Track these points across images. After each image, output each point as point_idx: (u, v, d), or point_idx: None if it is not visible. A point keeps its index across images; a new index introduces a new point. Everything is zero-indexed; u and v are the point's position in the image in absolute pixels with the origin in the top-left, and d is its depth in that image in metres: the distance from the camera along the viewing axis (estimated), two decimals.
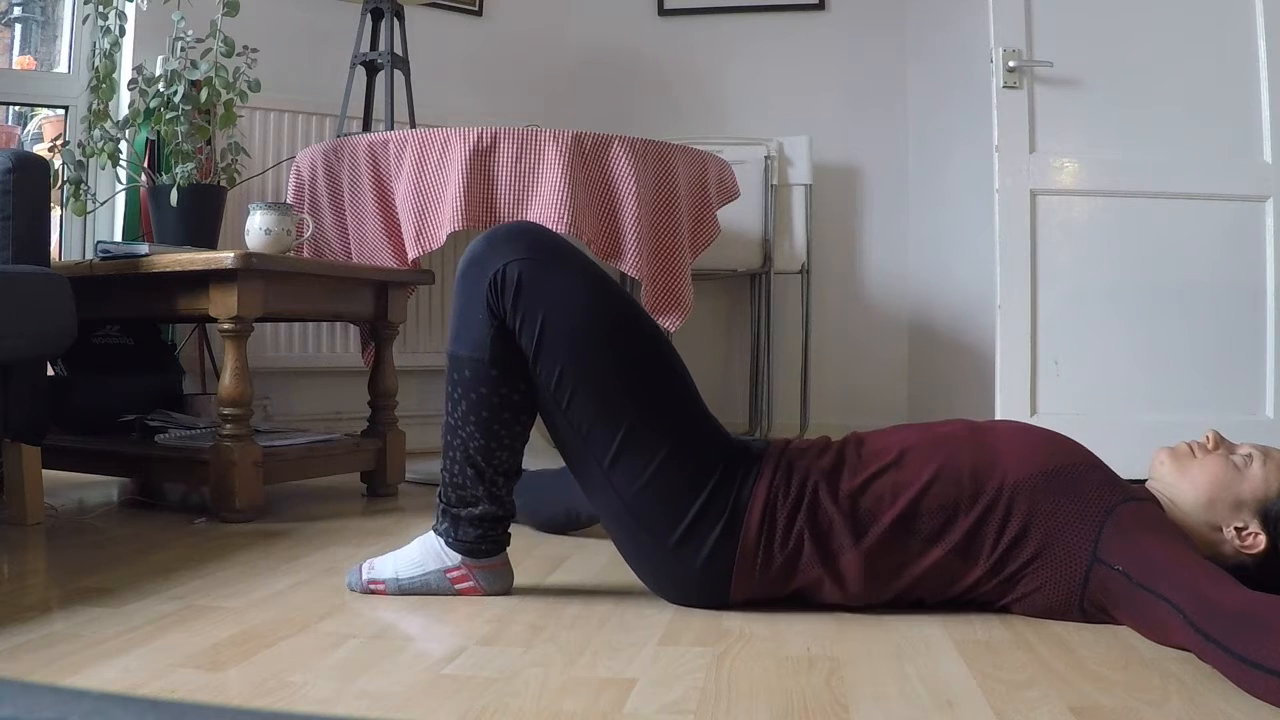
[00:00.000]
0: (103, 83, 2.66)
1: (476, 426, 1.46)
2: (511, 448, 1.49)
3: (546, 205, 2.44)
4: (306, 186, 2.76)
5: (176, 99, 2.59)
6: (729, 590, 1.44)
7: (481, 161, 2.47)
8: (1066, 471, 1.41)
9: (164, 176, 2.64)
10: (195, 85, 2.61)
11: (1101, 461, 1.46)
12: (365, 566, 1.57)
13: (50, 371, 2.46)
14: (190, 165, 2.59)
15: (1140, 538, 1.33)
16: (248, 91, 2.66)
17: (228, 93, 2.62)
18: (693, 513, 1.42)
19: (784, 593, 1.45)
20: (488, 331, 1.44)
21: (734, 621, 1.41)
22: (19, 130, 3.31)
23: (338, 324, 3.34)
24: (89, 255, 2.83)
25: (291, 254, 2.39)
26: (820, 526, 1.41)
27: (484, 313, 1.44)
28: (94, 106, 2.68)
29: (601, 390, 1.43)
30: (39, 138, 3.29)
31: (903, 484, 1.41)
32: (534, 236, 1.47)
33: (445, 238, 2.48)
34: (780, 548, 1.41)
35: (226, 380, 2.16)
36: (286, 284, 2.28)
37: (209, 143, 2.74)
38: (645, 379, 1.45)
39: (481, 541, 1.51)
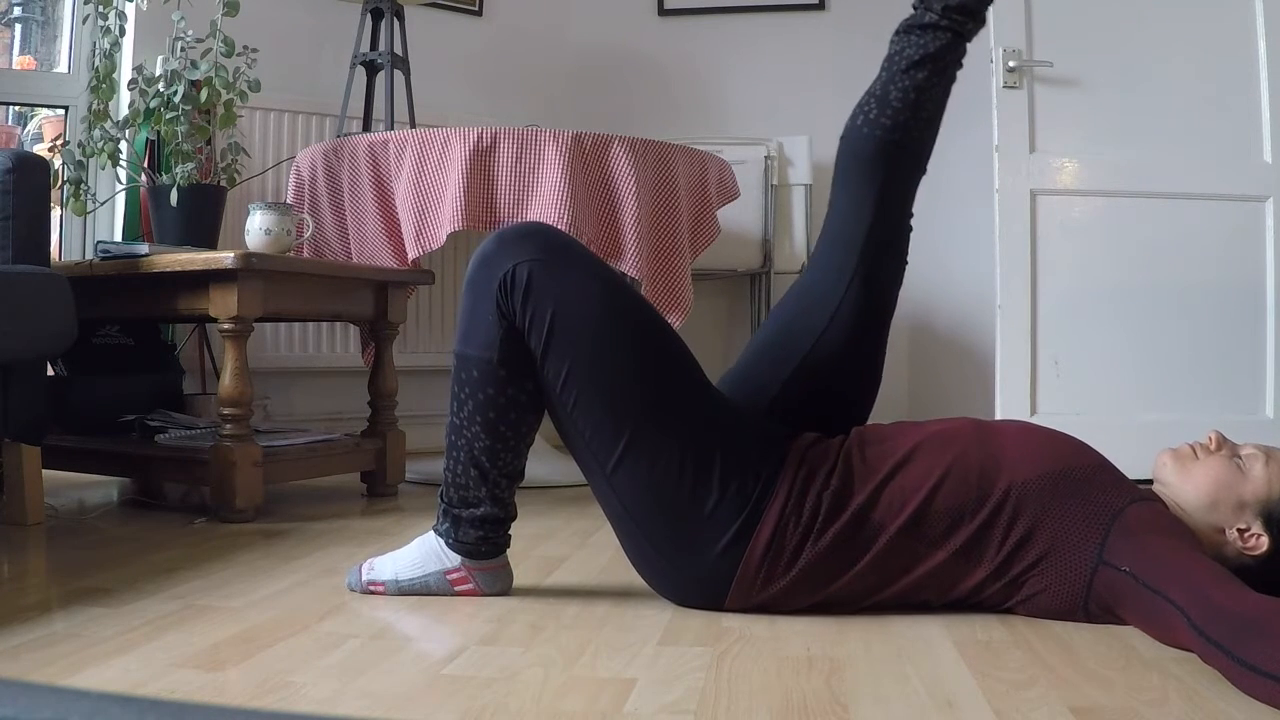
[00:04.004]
0: (103, 83, 2.66)
1: (482, 427, 1.45)
2: (516, 449, 1.48)
3: (546, 205, 2.44)
4: (306, 186, 2.76)
5: (176, 99, 2.59)
6: (724, 600, 1.44)
7: (481, 161, 2.47)
8: (1074, 473, 1.40)
9: (164, 176, 2.64)
10: (195, 85, 2.61)
11: (1109, 462, 1.45)
12: (365, 567, 1.57)
13: (50, 371, 2.46)
14: (190, 165, 2.59)
15: (1147, 539, 1.33)
16: (248, 91, 2.66)
17: (228, 93, 2.62)
18: (695, 524, 1.40)
19: (781, 609, 1.44)
20: (497, 332, 1.43)
21: (734, 621, 1.41)
22: (19, 130, 3.31)
23: (338, 324, 3.34)
24: (89, 255, 2.82)
25: (291, 254, 2.39)
26: (827, 553, 1.39)
27: (494, 313, 1.43)
28: (94, 106, 2.68)
29: (607, 392, 1.42)
30: (39, 138, 3.29)
31: (910, 488, 1.40)
32: (545, 237, 1.47)
33: (445, 237, 2.48)
34: (784, 572, 1.40)
35: (226, 380, 2.16)
36: (286, 284, 2.28)
37: (209, 143, 2.74)
38: (651, 384, 1.44)
39: (482, 543, 1.51)
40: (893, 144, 1.52)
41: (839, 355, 1.52)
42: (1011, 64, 2.72)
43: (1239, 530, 1.41)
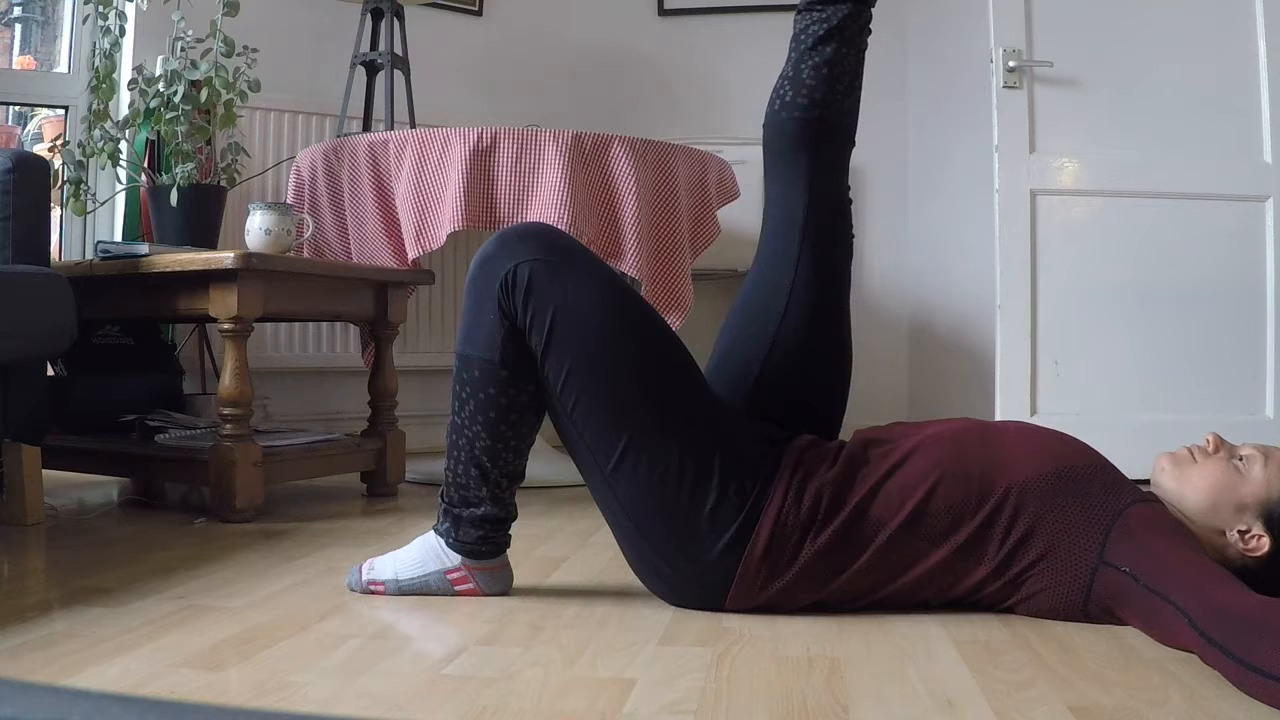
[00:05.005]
0: (103, 83, 2.66)
1: (483, 426, 1.45)
2: (517, 450, 1.48)
3: (546, 205, 2.44)
4: (306, 186, 2.76)
5: (176, 99, 2.59)
6: (724, 601, 1.44)
7: (481, 161, 2.48)
8: (1075, 473, 1.40)
9: (164, 176, 2.64)
10: (195, 85, 2.61)
11: (1109, 463, 1.45)
12: (365, 567, 1.57)
13: (50, 371, 2.46)
14: (190, 165, 2.59)
15: (1148, 540, 1.33)
16: (248, 91, 2.66)
17: (228, 93, 2.62)
18: (694, 526, 1.40)
19: (782, 609, 1.44)
20: (498, 331, 1.43)
21: (734, 621, 1.41)
22: (19, 130, 3.31)
23: (338, 324, 3.34)
24: (89, 255, 2.83)
25: (291, 254, 2.39)
26: (826, 550, 1.39)
27: (495, 313, 1.43)
28: (94, 106, 2.68)
29: (607, 393, 1.42)
30: (39, 138, 3.29)
31: (910, 485, 1.40)
32: (547, 238, 1.47)
33: (445, 237, 2.48)
34: (785, 571, 1.40)
35: (226, 380, 2.16)
36: (286, 284, 2.28)
37: (209, 143, 2.74)
38: (651, 385, 1.43)
39: (482, 543, 1.51)
40: (814, 120, 1.52)
41: (803, 340, 1.52)
42: (1011, 64, 2.72)
43: (1239, 532, 1.41)
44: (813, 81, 1.51)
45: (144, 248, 2.25)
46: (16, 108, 3.27)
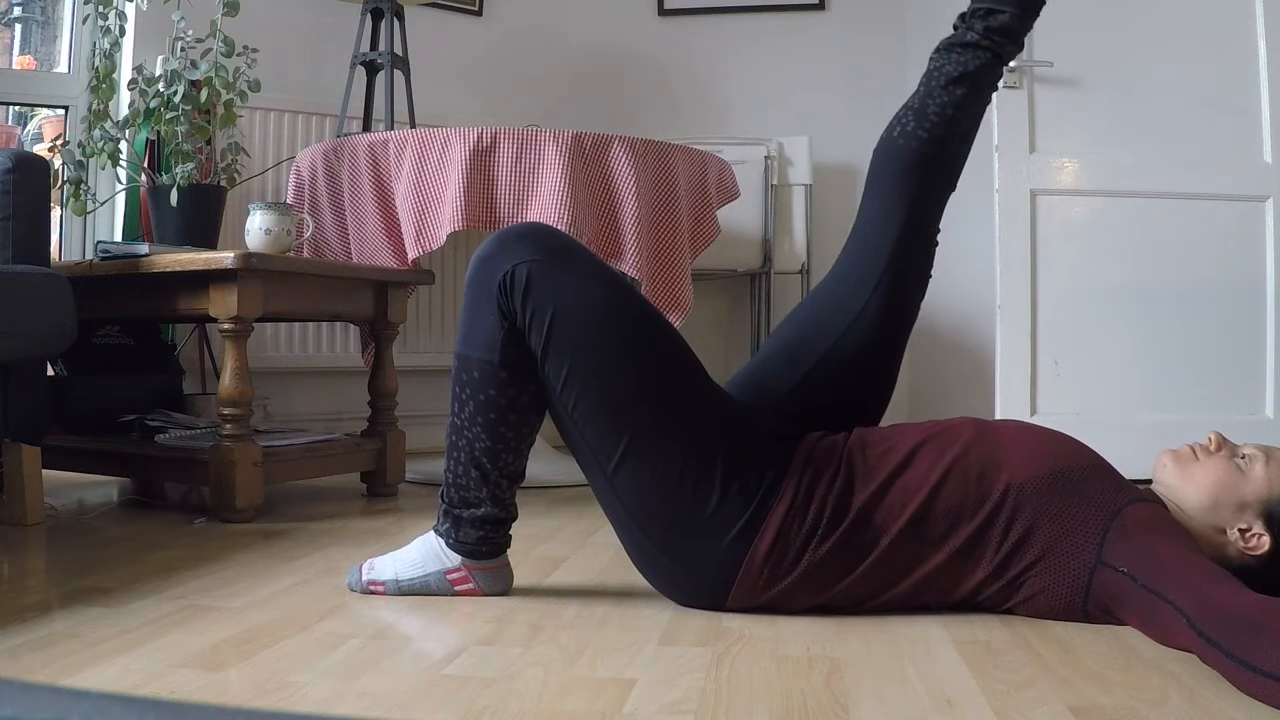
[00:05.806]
0: (103, 83, 2.66)
1: (483, 428, 1.45)
2: (517, 450, 1.48)
3: (546, 205, 2.44)
4: (306, 186, 2.76)
5: (176, 99, 2.59)
6: (726, 600, 1.44)
7: (481, 161, 2.48)
8: (1072, 473, 1.40)
9: (164, 176, 2.64)
10: (195, 85, 2.61)
11: (1107, 463, 1.45)
12: (365, 567, 1.57)
13: (50, 371, 2.46)
14: (190, 165, 2.59)
15: (1145, 540, 1.33)
16: (248, 91, 2.66)
17: (228, 93, 2.62)
18: (697, 523, 1.40)
19: (782, 610, 1.44)
20: (498, 333, 1.43)
21: (734, 621, 1.41)
22: (19, 130, 3.31)
23: (338, 324, 3.34)
24: (89, 255, 2.83)
25: (291, 254, 2.39)
26: (829, 556, 1.39)
27: (494, 313, 1.43)
28: (94, 106, 2.68)
29: (608, 392, 1.42)
30: (39, 138, 3.29)
31: (911, 489, 1.40)
32: (545, 237, 1.47)
33: (445, 237, 2.48)
34: (786, 574, 1.40)
35: (226, 380, 2.16)
36: (286, 284, 2.28)
37: (209, 143, 2.74)
38: (652, 383, 1.43)
39: (482, 544, 1.51)
40: (929, 156, 1.55)
41: (854, 362, 1.53)
42: (1011, 64, 2.72)
43: (1240, 530, 1.41)
44: (936, 119, 1.55)
45: (144, 248, 2.25)
46: (16, 108, 3.27)
